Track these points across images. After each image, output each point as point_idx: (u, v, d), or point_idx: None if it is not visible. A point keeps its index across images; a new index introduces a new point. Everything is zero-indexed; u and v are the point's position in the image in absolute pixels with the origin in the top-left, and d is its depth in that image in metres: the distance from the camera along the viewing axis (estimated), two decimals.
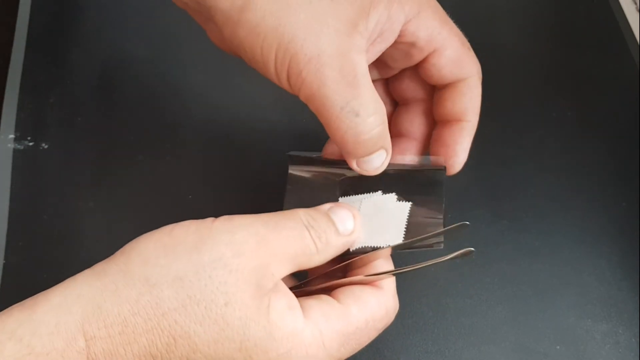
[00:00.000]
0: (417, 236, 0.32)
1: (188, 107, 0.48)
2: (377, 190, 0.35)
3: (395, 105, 0.38)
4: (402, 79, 0.37)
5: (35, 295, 0.28)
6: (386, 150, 0.33)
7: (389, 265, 0.33)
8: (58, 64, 0.49)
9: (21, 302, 0.28)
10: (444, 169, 0.35)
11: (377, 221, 0.34)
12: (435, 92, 0.36)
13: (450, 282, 0.41)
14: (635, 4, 0.54)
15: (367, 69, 0.31)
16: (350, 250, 0.32)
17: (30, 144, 0.45)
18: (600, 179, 0.45)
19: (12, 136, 0.45)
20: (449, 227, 0.32)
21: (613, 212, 0.44)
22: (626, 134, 0.47)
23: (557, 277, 0.41)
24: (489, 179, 0.45)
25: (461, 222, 0.31)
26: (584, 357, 0.38)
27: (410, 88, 0.37)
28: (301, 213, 0.31)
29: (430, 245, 0.32)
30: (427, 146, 0.37)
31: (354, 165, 0.33)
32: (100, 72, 0.49)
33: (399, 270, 0.32)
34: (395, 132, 0.37)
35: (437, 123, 0.36)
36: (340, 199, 0.35)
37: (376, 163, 0.33)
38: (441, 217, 0.33)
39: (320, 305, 0.30)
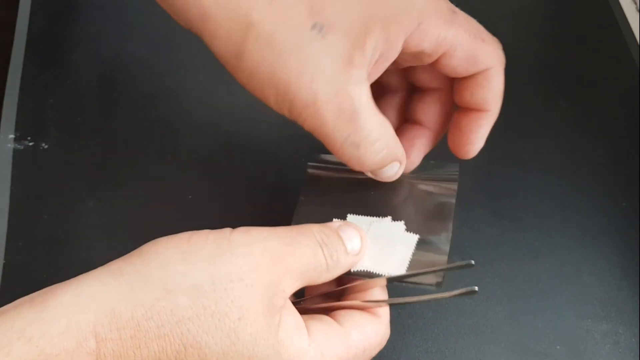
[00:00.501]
0: (417, 269, 0.32)
1: (188, 107, 0.48)
2: (387, 215, 0.35)
3: (412, 90, 0.38)
4: (416, 70, 0.36)
5: (44, 291, 0.28)
6: (399, 162, 0.34)
7: (384, 294, 0.33)
8: (58, 64, 0.49)
9: (30, 297, 0.27)
10: (455, 194, 0.36)
11: (382, 248, 0.34)
12: (454, 80, 0.35)
13: (450, 283, 0.41)
14: (635, 4, 0.54)
15: (368, 95, 0.31)
16: (351, 270, 0.33)
17: (30, 144, 0.45)
18: (600, 179, 0.45)
19: (12, 136, 0.45)
20: (453, 264, 0.31)
21: (613, 212, 0.44)
22: (626, 134, 0.47)
23: (557, 277, 0.41)
24: (489, 179, 0.45)
25: (467, 261, 0.31)
26: (584, 357, 0.38)
27: (425, 78, 0.36)
28: (315, 230, 0.31)
29: (431, 284, 0.32)
30: (440, 136, 0.37)
31: (369, 173, 0.34)
32: (100, 72, 0.49)
33: (399, 301, 0.32)
34: (410, 118, 0.37)
35: (457, 107, 0.35)
36: (348, 216, 0.35)
37: (389, 173, 0.34)
38: (446, 254, 0.33)
39: (323, 327, 0.30)
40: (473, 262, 0.30)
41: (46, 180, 0.44)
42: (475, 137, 0.35)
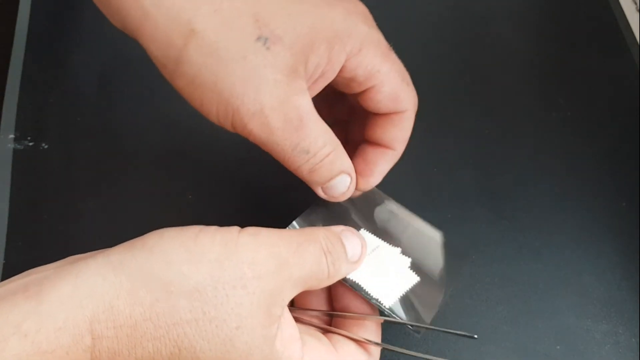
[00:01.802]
0: (407, 307, 0.33)
1: (188, 106, 0.47)
2: (398, 247, 0.35)
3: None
4: (341, 101, 0.37)
5: (39, 278, 0.27)
6: (349, 174, 0.34)
7: (378, 332, 0.33)
8: (58, 64, 0.49)
9: (24, 284, 0.27)
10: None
11: (382, 273, 0.34)
12: (369, 115, 0.36)
13: (450, 283, 0.41)
14: (635, 4, 0.54)
15: (311, 104, 0.31)
16: (346, 277, 0.33)
17: (30, 144, 0.45)
18: (600, 179, 0.45)
19: (12, 136, 0.45)
20: (457, 332, 0.32)
21: (613, 212, 0.44)
22: (626, 134, 0.47)
23: (557, 277, 0.41)
24: (489, 179, 0.45)
25: (470, 334, 0.31)
26: (584, 357, 0.38)
27: (346, 110, 0.37)
28: (321, 236, 0.31)
29: (414, 330, 0.33)
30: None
31: (320, 192, 0.34)
32: (100, 72, 0.49)
33: (396, 349, 0.32)
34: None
35: (366, 139, 0.36)
36: (361, 230, 0.36)
37: (341, 188, 0.34)
38: (434, 313, 0.33)
39: (318, 346, 0.31)
40: (476, 336, 0.31)
41: (46, 180, 0.44)
42: (377, 171, 0.35)
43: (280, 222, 0.43)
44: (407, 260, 0.35)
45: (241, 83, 0.30)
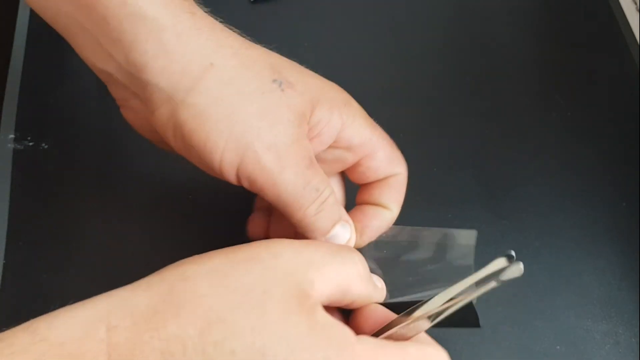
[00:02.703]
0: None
1: None
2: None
3: None
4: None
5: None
6: (347, 222, 0.35)
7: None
8: (58, 64, 0.49)
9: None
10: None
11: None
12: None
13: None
14: (635, 4, 0.54)
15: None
16: (388, 297, 0.33)
17: (30, 144, 0.45)
18: (600, 179, 0.45)
19: (12, 136, 0.45)
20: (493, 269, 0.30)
21: (613, 212, 0.44)
22: (626, 134, 0.47)
23: (557, 277, 0.41)
24: (489, 179, 0.45)
25: (507, 253, 0.28)
26: (584, 357, 0.38)
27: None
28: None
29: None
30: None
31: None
32: None
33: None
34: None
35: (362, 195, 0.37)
36: None
37: (343, 236, 0.34)
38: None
39: (374, 339, 0.28)
40: (513, 252, 0.28)
41: (46, 180, 0.44)
42: (371, 228, 0.36)
43: None
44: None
45: (258, 116, 0.31)
